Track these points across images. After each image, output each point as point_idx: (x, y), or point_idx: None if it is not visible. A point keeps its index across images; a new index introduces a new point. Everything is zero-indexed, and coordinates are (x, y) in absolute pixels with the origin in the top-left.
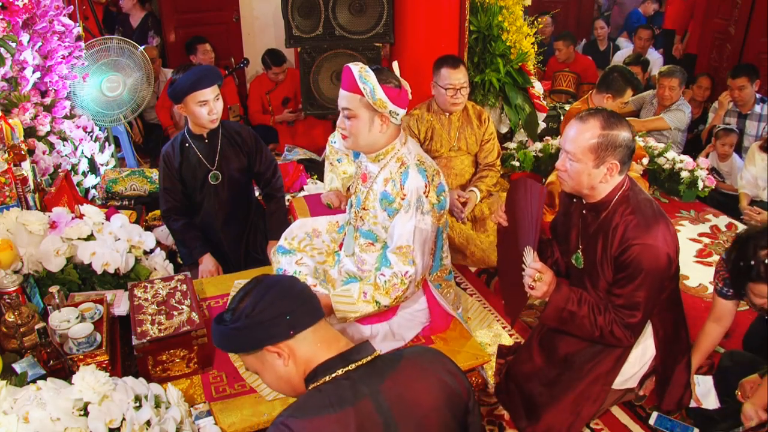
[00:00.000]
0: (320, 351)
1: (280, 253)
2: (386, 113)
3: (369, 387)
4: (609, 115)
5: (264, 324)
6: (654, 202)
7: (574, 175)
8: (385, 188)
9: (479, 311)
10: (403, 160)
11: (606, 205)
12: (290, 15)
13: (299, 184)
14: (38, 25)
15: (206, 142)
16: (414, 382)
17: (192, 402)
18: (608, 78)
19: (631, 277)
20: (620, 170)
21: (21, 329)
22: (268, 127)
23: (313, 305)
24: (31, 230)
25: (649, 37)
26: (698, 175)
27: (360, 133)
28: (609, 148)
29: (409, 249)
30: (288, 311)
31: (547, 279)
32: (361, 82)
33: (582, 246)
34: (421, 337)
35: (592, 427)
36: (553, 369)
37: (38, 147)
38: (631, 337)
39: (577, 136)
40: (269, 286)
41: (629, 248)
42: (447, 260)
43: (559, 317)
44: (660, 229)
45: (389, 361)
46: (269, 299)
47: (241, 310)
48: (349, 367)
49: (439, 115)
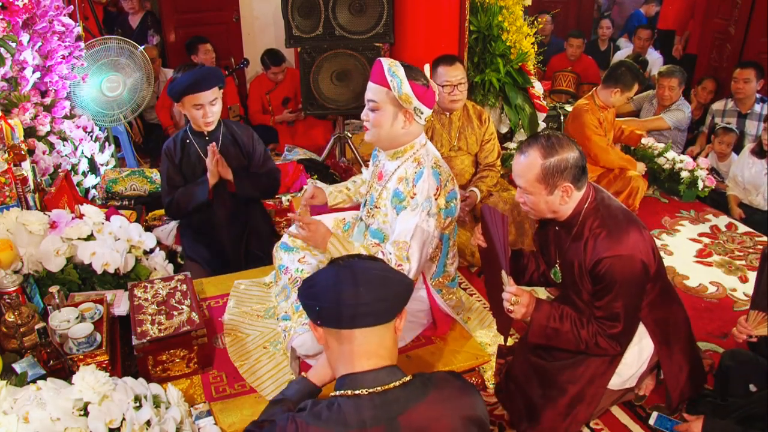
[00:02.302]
0: (354, 358)
1: (282, 249)
2: (411, 110)
3: (388, 414)
4: (547, 142)
5: (307, 296)
6: (623, 209)
7: (533, 206)
8: (398, 186)
9: (479, 311)
10: (420, 161)
11: (575, 221)
12: (290, 15)
13: (299, 184)
14: (38, 25)
15: (207, 140)
16: (436, 421)
17: (192, 402)
18: (617, 72)
19: (606, 289)
20: (577, 187)
21: (21, 329)
22: (268, 127)
23: (369, 310)
24: (31, 230)
25: (649, 37)
26: (698, 175)
27: (382, 126)
28: (556, 173)
29: (406, 245)
30: (321, 303)
31: (524, 301)
32: (389, 75)
33: (559, 261)
34: (421, 337)
35: (592, 427)
36: (548, 370)
37: (38, 147)
38: (617, 346)
39: (523, 169)
40: (342, 270)
41: (600, 261)
42: (452, 267)
43: (544, 334)
44: (630, 237)
45: (418, 390)
46: (328, 281)
47: (312, 276)
48: (375, 389)
49: (440, 115)
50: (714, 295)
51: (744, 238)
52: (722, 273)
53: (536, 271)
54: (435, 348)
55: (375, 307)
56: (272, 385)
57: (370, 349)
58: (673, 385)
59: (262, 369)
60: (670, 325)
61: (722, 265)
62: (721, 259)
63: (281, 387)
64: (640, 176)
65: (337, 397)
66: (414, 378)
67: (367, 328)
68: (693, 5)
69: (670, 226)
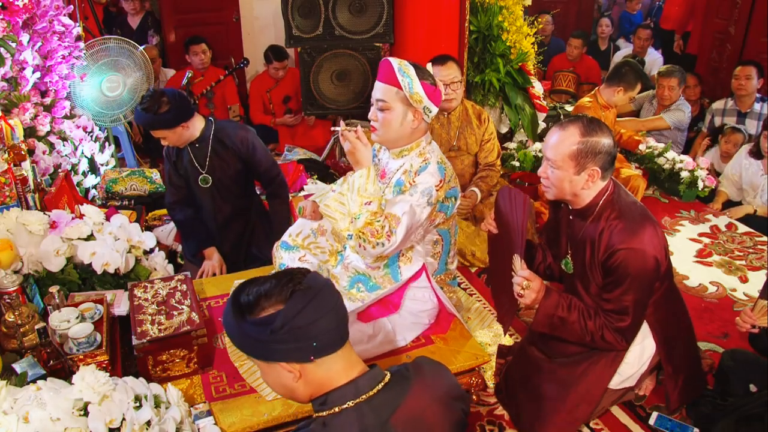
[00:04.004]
0: (335, 376)
1: (283, 248)
2: (420, 109)
3: (379, 419)
4: (589, 122)
5: (288, 343)
6: (640, 205)
7: (555, 182)
8: (401, 177)
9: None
10: (425, 157)
11: (591, 211)
12: (290, 15)
13: (299, 184)
14: (38, 25)
15: (197, 147)
16: (425, 409)
17: (192, 402)
18: (620, 71)
19: (618, 281)
20: (602, 176)
21: (21, 329)
22: (269, 127)
23: (343, 328)
24: (31, 230)
25: (648, 36)
26: (698, 175)
27: (391, 125)
28: (589, 154)
29: (397, 219)
30: (316, 335)
31: (536, 286)
32: (400, 75)
33: (571, 251)
34: (421, 337)
35: (592, 427)
36: (549, 370)
37: (38, 147)
38: (623, 341)
39: (558, 143)
40: (310, 297)
41: (615, 253)
42: (452, 266)
43: (550, 323)
44: (646, 233)
45: (400, 384)
46: (306, 316)
47: (269, 318)
48: (360, 398)
49: (439, 115)
50: (714, 295)
51: (744, 238)
52: (722, 273)
53: (542, 263)
54: (435, 348)
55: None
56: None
57: (353, 359)
58: (672, 385)
59: None
60: (672, 326)
61: (722, 265)
62: (721, 259)
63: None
64: (639, 175)
65: (321, 416)
66: (392, 376)
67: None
68: (693, 5)
69: (670, 226)
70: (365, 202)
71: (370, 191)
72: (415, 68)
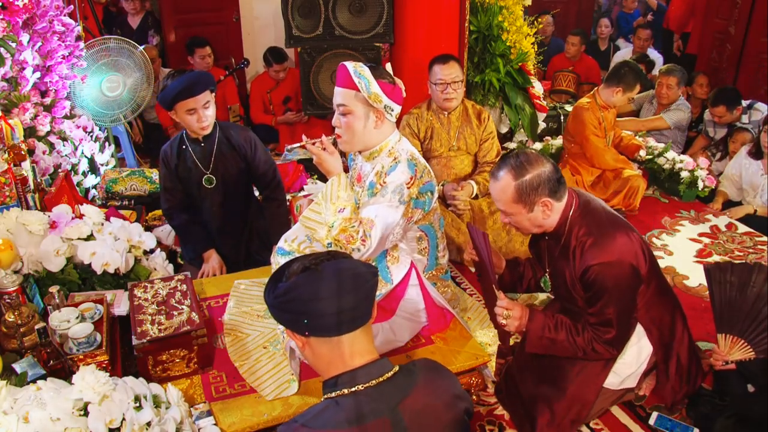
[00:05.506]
0: (346, 359)
1: (279, 254)
2: (381, 108)
3: (388, 404)
4: (516, 162)
5: (284, 312)
6: (609, 212)
7: (517, 224)
8: (373, 179)
9: (479, 311)
10: (395, 156)
11: (561, 231)
12: (290, 15)
13: (299, 184)
14: (38, 25)
15: (202, 146)
16: (432, 401)
17: (192, 402)
18: (619, 72)
19: (597, 296)
20: (556, 198)
21: (21, 329)
22: (269, 127)
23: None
24: (31, 230)
25: (648, 37)
26: (698, 175)
27: (355, 129)
28: (531, 191)
29: (371, 223)
30: (309, 314)
31: (516, 314)
32: (356, 77)
33: (549, 270)
34: (421, 337)
35: (592, 427)
36: (546, 371)
37: (38, 147)
38: (614, 350)
39: (498, 193)
40: (316, 278)
41: (588, 269)
42: (443, 260)
43: (541, 345)
44: (617, 242)
45: (407, 377)
46: (305, 293)
47: (278, 285)
48: (370, 383)
49: (439, 114)
50: None
51: (744, 238)
52: None
53: (533, 278)
54: (435, 348)
55: (359, 311)
56: (272, 385)
57: (361, 348)
58: (671, 384)
59: (262, 369)
60: (667, 324)
61: None
62: (721, 259)
63: (281, 387)
64: (639, 176)
65: (333, 398)
66: (399, 368)
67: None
68: (693, 5)
69: (670, 226)
70: (339, 209)
71: (343, 198)
72: (371, 69)
